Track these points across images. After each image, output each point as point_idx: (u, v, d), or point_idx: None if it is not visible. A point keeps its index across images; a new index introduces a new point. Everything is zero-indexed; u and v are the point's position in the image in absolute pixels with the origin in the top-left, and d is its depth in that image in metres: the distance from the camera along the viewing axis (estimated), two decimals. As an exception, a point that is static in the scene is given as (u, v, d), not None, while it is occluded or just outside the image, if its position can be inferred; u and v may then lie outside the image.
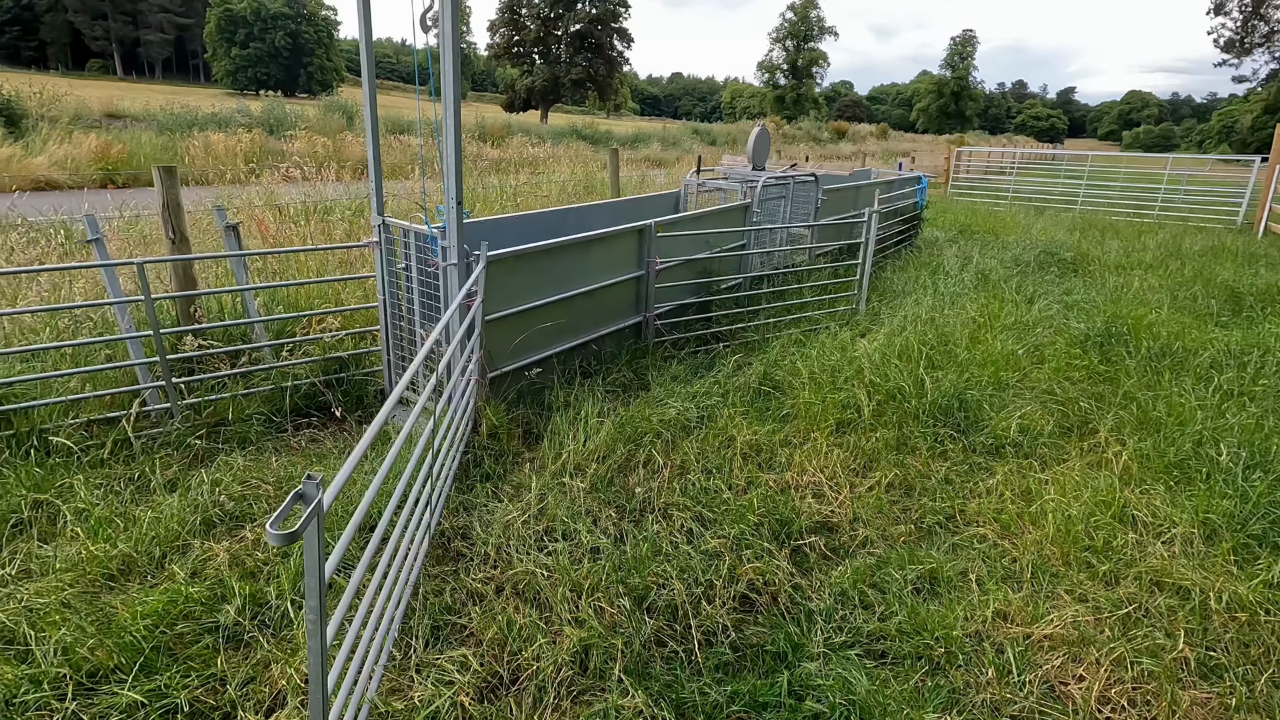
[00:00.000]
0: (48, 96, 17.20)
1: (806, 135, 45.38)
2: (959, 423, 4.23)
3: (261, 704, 2.24)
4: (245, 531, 3.00)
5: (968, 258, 8.77)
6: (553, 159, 17.30)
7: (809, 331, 5.61)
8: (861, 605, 2.83)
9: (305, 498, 1.44)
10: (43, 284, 4.55)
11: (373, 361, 4.47)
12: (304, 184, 9.00)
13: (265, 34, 59.13)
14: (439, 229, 3.69)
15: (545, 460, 3.66)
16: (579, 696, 2.36)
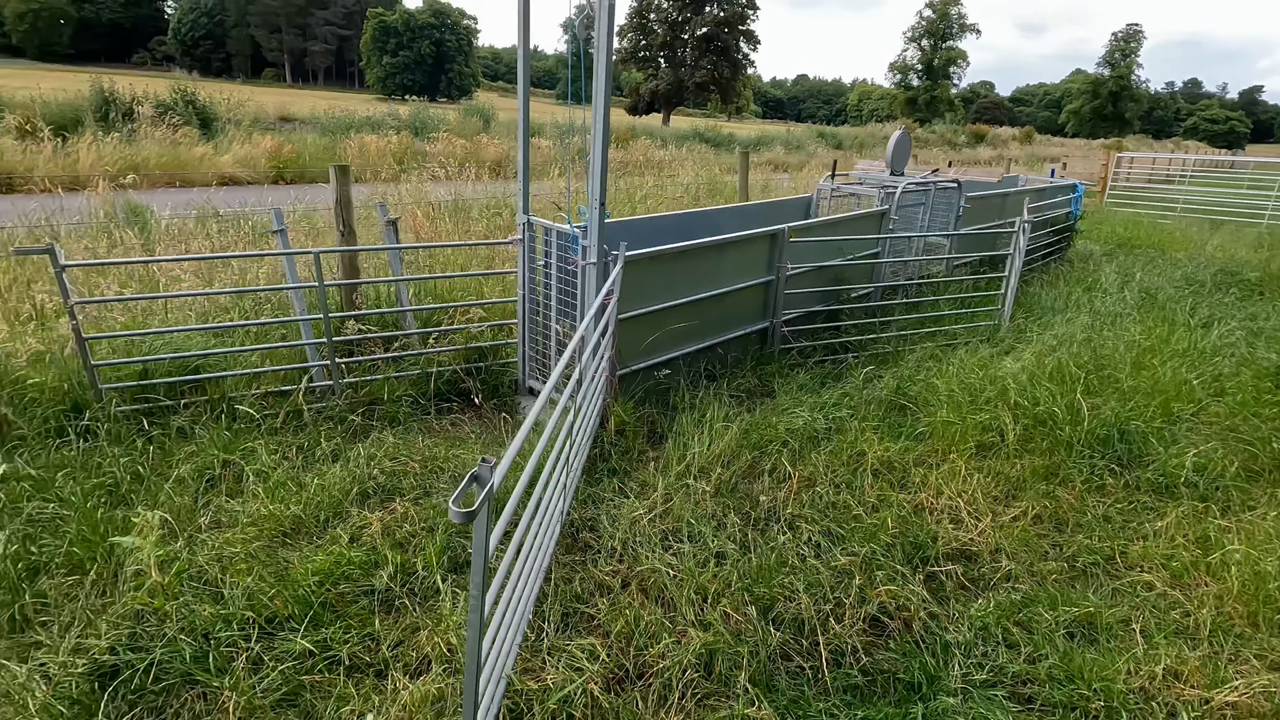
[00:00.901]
0: (234, 102, 19.43)
1: (940, 139, 42.97)
2: (1120, 456, 3.85)
3: (410, 666, 2.41)
4: (395, 504, 3.23)
5: (1129, 274, 7.96)
6: (675, 161, 17.43)
7: (945, 346, 5.31)
8: (1005, 643, 2.64)
9: (480, 480, 1.54)
10: (234, 269, 5.14)
11: (509, 353, 4.69)
12: (446, 183, 9.60)
13: (413, 43, 63.71)
14: (580, 228, 3.81)
15: (670, 460, 3.69)
16: (704, 700, 2.36)
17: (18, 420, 3.39)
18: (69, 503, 2.91)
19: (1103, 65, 77.48)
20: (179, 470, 3.22)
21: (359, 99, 44.92)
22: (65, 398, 3.59)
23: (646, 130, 28.94)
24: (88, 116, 15.00)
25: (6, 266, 4.91)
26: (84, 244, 6.01)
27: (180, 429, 3.59)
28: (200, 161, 13.58)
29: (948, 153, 34.10)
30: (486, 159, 15.82)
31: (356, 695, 2.27)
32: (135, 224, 6.34)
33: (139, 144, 13.52)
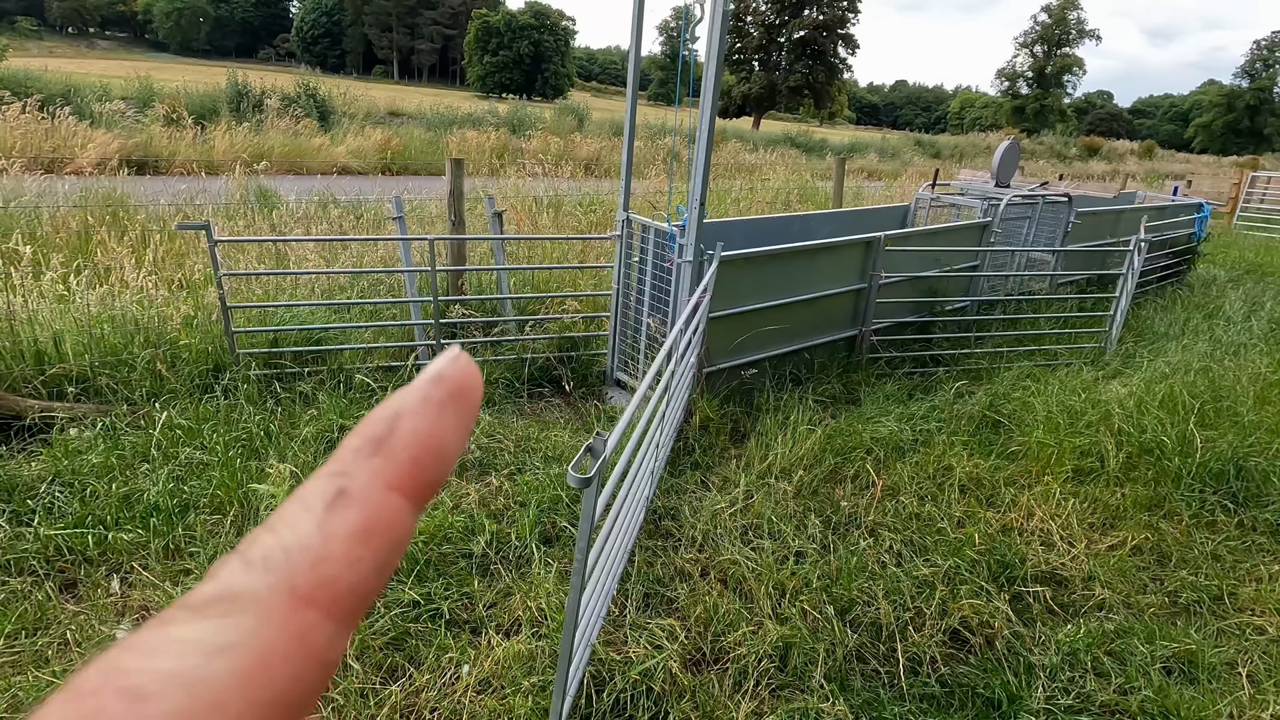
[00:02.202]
0: (349, 96, 20.70)
1: (1049, 151, 40.62)
2: (1235, 492, 3.62)
3: (502, 626, 2.59)
4: (491, 478, 3.45)
5: (1257, 303, 7.37)
6: (766, 165, 17.31)
7: (1045, 366, 5.11)
8: (1095, 672, 2.57)
9: (594, 451, 1.67)
10: (352, 251, 5.56)
11: (599, 345, 4.86)
12: (543, 179, 9.95)
13: (513, 43, 65.81)
14: (679, 227, 3.93)
15: (752, 458, 3.75)
16: (778, 690, 2.43)
17: (170, 376, 3.82)
18: (213, 451, 3.27)
19: (1240, 76, 71.07)
20: (303, 431, 3.55)
21: (460, 96, 46.81)
22: (209, 359, 4.01)
23: (736, 133, 28.81)
24: (223, 107, 16.37)
25: (164, 239, 5.50)
26: (223, 222, 6.63)
27: (304, 394, 3.94)
28: (318, 151, 14.57)
29: (1056, 165, 32.24)
30: (580, 157, 16.22)
31: (454, 646, 2.46)
32: (266, 206, 6.94)
33: (266, 133, 14.65)
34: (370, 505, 0.15)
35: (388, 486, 0.16)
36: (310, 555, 0.14)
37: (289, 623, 0.13)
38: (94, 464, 3.14)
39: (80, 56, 54.20)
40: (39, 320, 3.91)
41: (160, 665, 0.12)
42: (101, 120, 13.12)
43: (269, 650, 0.13)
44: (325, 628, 0.14)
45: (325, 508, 0.15)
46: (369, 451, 0.16)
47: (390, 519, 0.15)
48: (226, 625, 0.13)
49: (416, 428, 0.17)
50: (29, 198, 6.27)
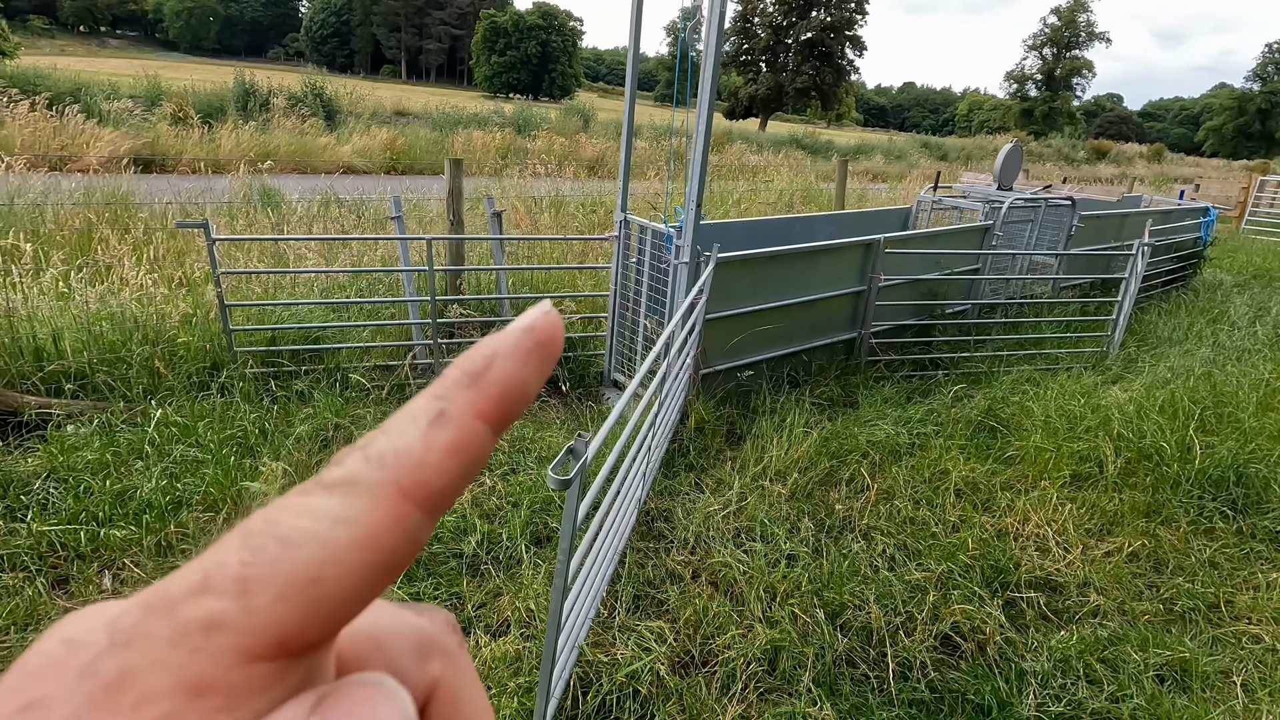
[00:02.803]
0: (355, 96, 20.79)
1: (1057, 153, 40.44)
2: (1234, 499, 3.59)
3: (491, 627, 2.59)
4: (484, 478, 3.44)
5: (1263, 308, 7.31)
6: (771, 167, 17.29)
7: (1045, 370, 5.08)
8: (1087, 679, 2.54)
9: (575, 453, 1.66)
10: (352, 250, 5.57)
11: (597, 345, 4.86)
12: (546, 179, 9.96)
13: (520, 43, 65.97)
14: (675, 228, 3.92)
15: (747, 461, 3.74)
16: (766, 694, 2.42)
17: (168, 373, 3.83)
18: (207, 448, 3.28)
19: (1252, 79, 70.57)
20: (298, 429, 3.55)
21: (467, 96, 46.95)
22: (206, 356, 4.03)
23: (742, 134, 28.79)
24: (230, 106, 16.46)
25: (164, 238, 5.53)
26: (225, 221, 6.66)
27: (300, 392, 3.95)
28: (324, 150, 14.64)
29: (1064, 168, 32.11)
30: (585, 157, 16.24)
31: (443, 647, 2.46)
32: (268, 205, 6.97)
33: (272, 132, 14.72)
34: (462, 428, 0.19)
35: (476, 414, 0.19)
36: (413, 460, 0.18)
37: (393, 508, 0.18)
38: (89, 460, 3.16)
39: (91, 55, 54.62)
40: (38, 317, 3.93)
41: (302, 524, 0.17)
42: (109, 119, 13.21)
43: (377, 526, 0.17)
44: (417, 516, 0.18)
45: (428, 424, 0.19)
46: (466, 384, 0.20)
47: (476, 440, 0.19)
48: (349, 503, 0.17)
49: (506, 368, 0.20)
50: (33, 195, 6.31)
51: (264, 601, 0.16)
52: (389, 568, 0.17)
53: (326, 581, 0.16)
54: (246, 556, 0.16)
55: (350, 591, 0.17)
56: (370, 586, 0.17)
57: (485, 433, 0.19)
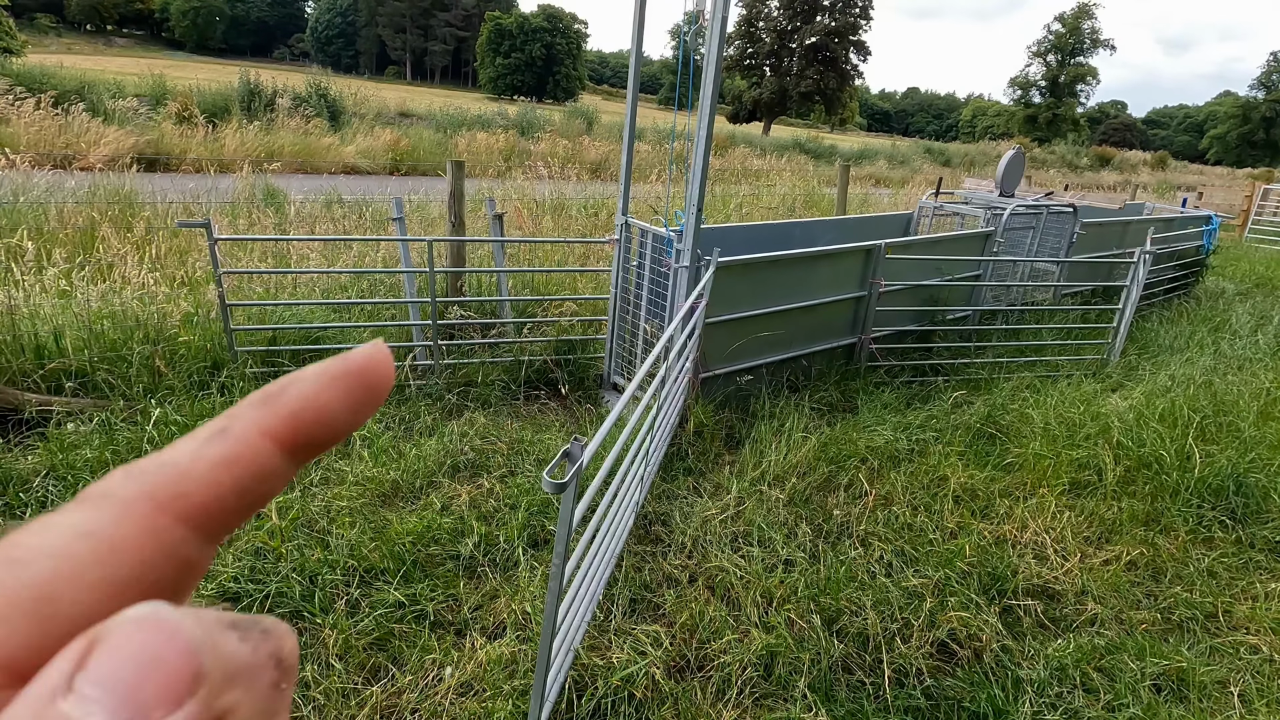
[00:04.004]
0: (359, 97, 20.85)
1: (1060, 160, 40.42)
2: (1234, 509, 3.58)
3: (487, 629, 2.59)
4: (483, 480, 3.45)
5: (1265, 317, 7.30)
6: (774, 171, 17.31)
7: (1045, 377, 5.07)
8: (1083, 688, 2.54)
9: (571, 456, 1.66)
10: (354, 250, 5.59)
11: (597, 348, 4.86)
12: (549, 181, 9.97)
13: (525, 45, 66.07)
14: (676, 232, 3.93)
15: (745, 465, 3.74)
16: (761, 700, 2.41)
17: (168, 372, 3.84)
18: (206, 448, 3.28)
19: (1256, 87, 70.51)
20: (297, 429, 3.56)
21: (471, 97, 47.03)
22: (207, 356, 4.04)
23: (746, 138, 28.82)
24: (235, 105, 16.50)
25: (167, 237, 5.54)
26: (228, 220, 6.67)
27: (300, 392, 3.95)
28: (327, 150, 14.67)
29: (1067, 175, 32.10)
30: (588, 160, 16.25)
31: (438, 648, 2.46)
32: (272, 205, 6.98)
33: (276, 132, 14.76)
34: (240, 442, 0.18)
35: (261, 431, 0.19)
36: (176, 472, 0.18)
37: (142, 521, 0.17)
38: (88, 459, 3.16)
39: (97, 54, 54.82)
40: (40, 315, 3.94)
41: (41, 541, 0.16)
42: (114, 117, 13.25)
43: (121, 539, 0.16)
44: (177, 530, 0.17)
45: (204, 440, 0.18)
46: (257, 402, 0.19)
47: (256, 457, 0.18)
48: (93, 516, 0.16)
49: (303, 390, 0.19)
50: (37, 193, 6.33)
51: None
52: (142, 584, 0.16)
53: (61, 600, 0.15)
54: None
55: (90, 609, 0.15)
56: (116, 604, 0.15)
57: (270, 451, 0.19)
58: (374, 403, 0.21)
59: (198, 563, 0.18)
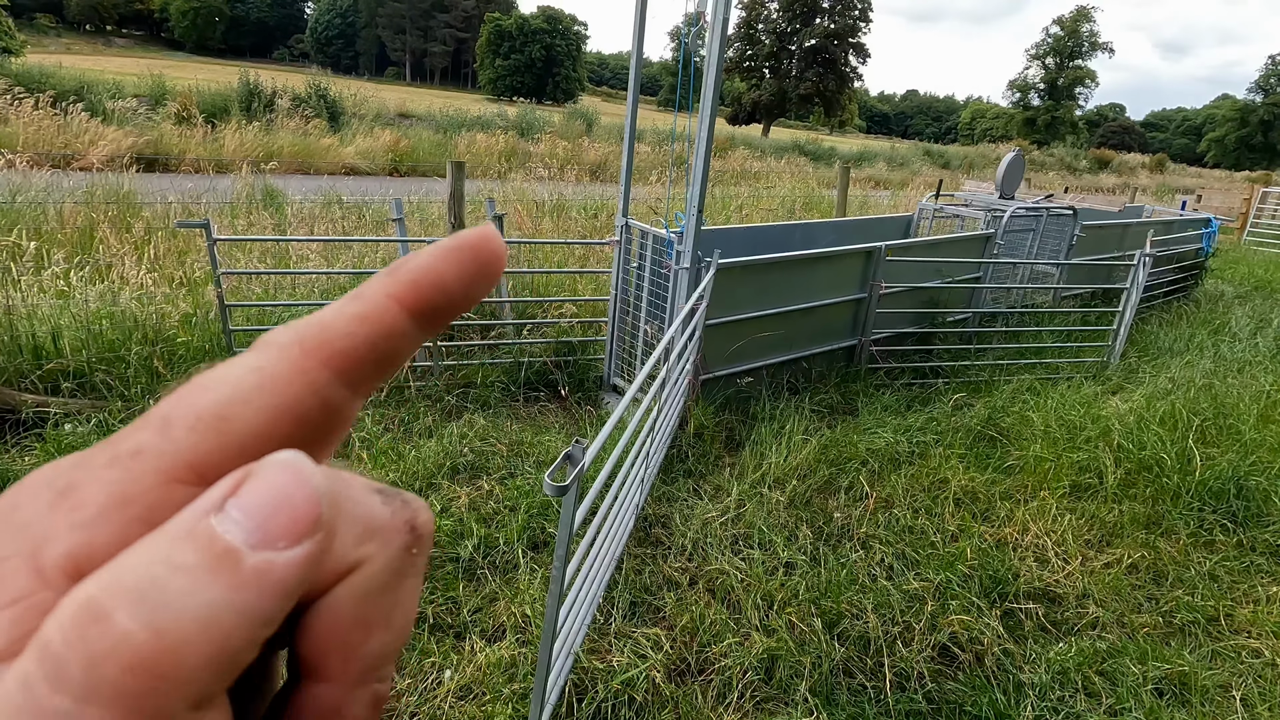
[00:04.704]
0: (359, 98, 20.84)
1: (1059, 163, 40.48)
2: (1235, 512, 3.58)
3: (486, 631, 2.58)
4: (482, 481, 3.43)
5: (1264, 320, 7.31)
6: (773, 173, 17.31)
7: (1045, 380, 5.07)
8: (1085, 691, 2.53)
9: (572, 459, 1.65)
10: (354, 251, 5.57)
11: (596, 350, 4.85)
12: (548, 183, 9.97)
13: (525, 47, 66.12)
14: (676, 234, 3.92)
15: (745, 467, 3.73)
16: (762, 703, 2.40)
17: (167, 373, 3.83)
18: (205, 449, 3.27)
19: (1255, 91, 70.70)
20: (296, 430, 3.54)
21: (470, 99, 47.05)
22: (206, 356, 4.02)
23: (745, 140, 28.84)
24: (234, 106, 16.50)
25: (165, 237, 5.53)
26: (226, 221, 6.66)
27: (299, 394, 3.94)
28: (327, 151, 14.66)
29: (1066, 178, 32.15)
30: (587, 161, 16.26)
31: (437, 651, 2.44)
32: (271, 205, 6.97)
33: (276, 132, 14.75)
34: (370, 301, 0.21)
35: (388, 295, 0.21)
36: (320, 325, 0.21)
37: (295, 362, 0.20)
38: (86, 460, 3.14)
39: (97, 54, 54.80)
40: (38, 315, 3.93)
41: (222, 373, 0.19)
42: (113, 117, 13.24)
43: (278, 374, 0.19)
44: (322, 373, 0.20)
45: (342, 301, 0.21)
46: (384, 273, 0.22)
47: (385, 315, 0.21)
48: (258, 356, 0.20)
49: (422, 261, 0.22)
50: (35, 193, 6.32)
51: (179, 434, 0.18)
52: (294, 415, 0.19)
53: (234, 419, 0.19)
54: (171, 400, 0.19)
55: (255, 428, 0.19)
56: (275, 426, 0.19)
57: (396, 312, 0.21)
58: (486, 278, 0.23)
59: (340, 408, 0.21)
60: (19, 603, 0.16)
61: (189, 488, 0.18)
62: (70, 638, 0.15)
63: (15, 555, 0.17)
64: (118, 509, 0.17)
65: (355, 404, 0.21)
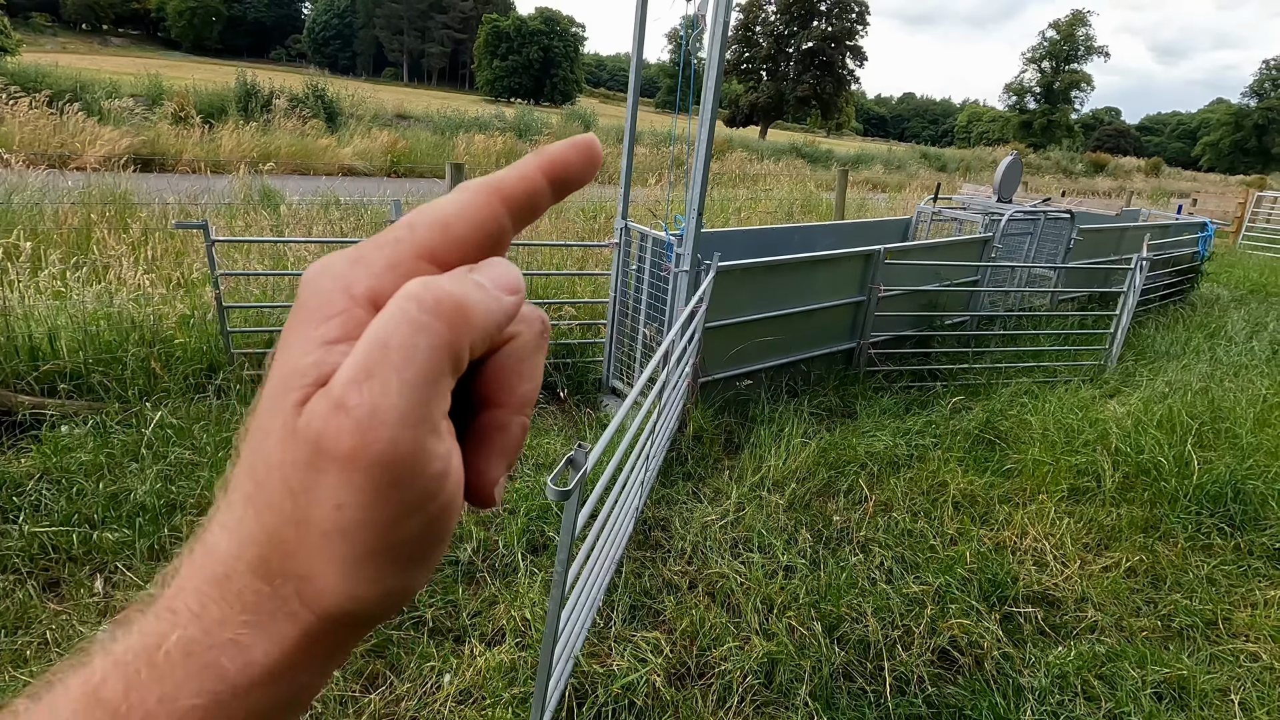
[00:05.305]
0: (357, 98, 20.80)
1: (1055, 166, 40.60)
2: (1232, 515, 3.59)
3: (486, 635, 2.57)
4: (481, 484, 3.42)
5: (1260, 323, 7.34)
6: (771, 175, 17.33)
7: (1043, 383, 5.08)
8: (1084, 695, 2.53)
9: (575, 464, 1.65)
10: (351, 253, 5.54)
11: (595, 352, 4.85)
12: (546, 184, 9.94)
13: (522, 48, 66.14)
14: (676, 236, 3.92)
15: (745, 470, 3.73)
16: (762, 707, 2.40)
17: (164, 375, 3.81)
18: (203, 451, 3.26)
19: (1249, 95, 71.07)
20: (294, 432, 3.53)
21: (468, 100, 47.01)
22: (204, 358, 4.01)
23: (743, 142, 28.87)
24: (231, 106, 16.45)
25: (163, 238, 5.51)
26: (224, 221, 6.64)
27: (297, 395, 3.92)
28: (324, 152, 14.63)
29: (1062, 181, 32.24)
30: (585, 163, 16.23)
31: (437, 655, 2.44)
32: (268, 206, 6.95)
33: (273, 133, 14.71)
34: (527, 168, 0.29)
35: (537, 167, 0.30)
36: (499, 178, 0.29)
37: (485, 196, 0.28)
38: (83, 462, 3.13)
39: (93, 53, 54.61)
40: (35, 316, 3.91)
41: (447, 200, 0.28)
42: (110, 117, 13.19)
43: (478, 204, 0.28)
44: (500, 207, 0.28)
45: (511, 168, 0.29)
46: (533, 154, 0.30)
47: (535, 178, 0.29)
48: (464, 193, 0.28)
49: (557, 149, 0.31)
50: (31, 193, 6.29)
51: (420, 232, 0.27)
52: (484, 229, 0.28)
53: (452, 226, 0.27)
54: (414, 213, 0.27)
55: (463, 234, 0.27)
56: (473, 235, 0.27)
57: (541, 178, 0.30)
58: (593, 166, 0.31)
59: (507, 231, 0.29)
60: (342, 313, 0.25)
61: (428, 264, 0.26)
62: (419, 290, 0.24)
63: (333, 289, 0.25)
64: (390, 269, 0.26)
65: (513, 232, 0.29)
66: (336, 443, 0.23)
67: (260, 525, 0.24)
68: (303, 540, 0.24)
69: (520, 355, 0.29)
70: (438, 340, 0.24)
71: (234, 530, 0.25)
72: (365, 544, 0.24)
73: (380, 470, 0.23)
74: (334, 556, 0.24)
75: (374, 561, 0.24)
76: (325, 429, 0.23)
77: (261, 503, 0.24)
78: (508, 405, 0.29)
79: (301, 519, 0.23)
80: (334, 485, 0.23)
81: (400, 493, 0.23)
